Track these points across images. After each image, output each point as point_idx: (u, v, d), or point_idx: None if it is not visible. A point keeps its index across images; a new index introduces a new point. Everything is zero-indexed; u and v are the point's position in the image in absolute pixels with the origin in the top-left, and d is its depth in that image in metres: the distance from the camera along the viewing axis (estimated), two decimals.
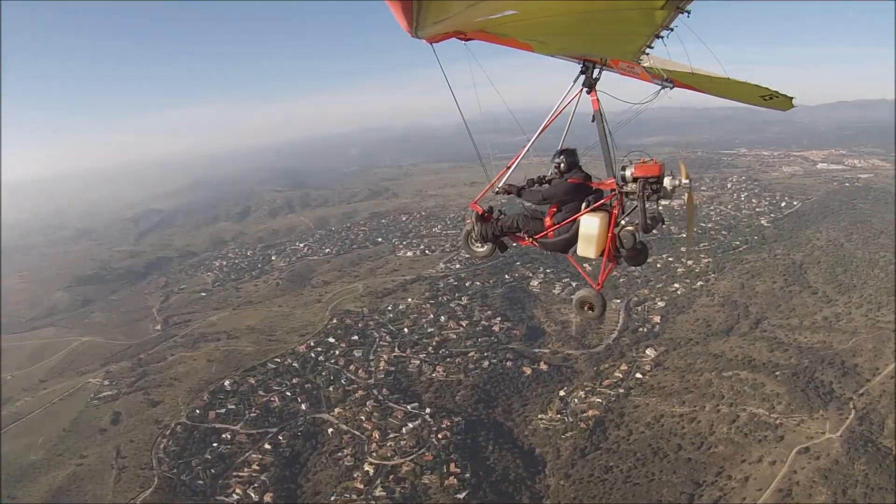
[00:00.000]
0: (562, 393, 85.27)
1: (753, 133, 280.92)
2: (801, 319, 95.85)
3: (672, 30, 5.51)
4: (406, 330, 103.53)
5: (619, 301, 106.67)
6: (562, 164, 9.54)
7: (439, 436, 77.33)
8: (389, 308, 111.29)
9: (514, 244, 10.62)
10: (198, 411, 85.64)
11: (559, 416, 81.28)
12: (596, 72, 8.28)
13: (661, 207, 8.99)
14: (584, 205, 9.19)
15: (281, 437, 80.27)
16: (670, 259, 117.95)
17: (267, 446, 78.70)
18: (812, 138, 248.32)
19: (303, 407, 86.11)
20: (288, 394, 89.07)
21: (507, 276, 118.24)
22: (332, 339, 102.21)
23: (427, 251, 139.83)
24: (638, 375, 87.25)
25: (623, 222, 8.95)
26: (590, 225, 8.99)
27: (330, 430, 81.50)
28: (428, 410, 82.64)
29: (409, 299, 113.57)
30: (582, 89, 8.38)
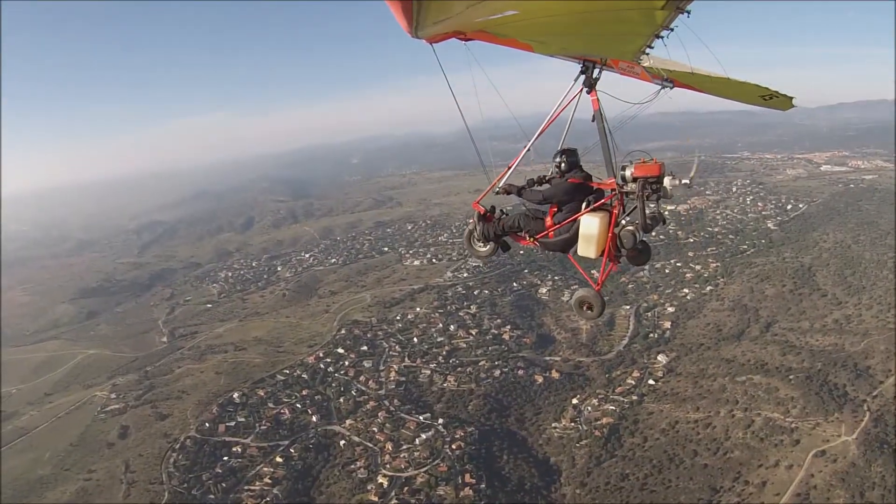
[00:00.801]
0: (574, 401, 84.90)
1: (754, 136, 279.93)
2: (812, 322, 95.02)
3: (672, 30, 5.55)
4: (415, 339, 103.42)
5: (628, 307, 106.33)
6: (562, 164, 9.54)
7: (453, 446, 76.99)
8: (398, 318, 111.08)
9: (522, 249, 10.64)
10: (207, 424, 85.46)
11: (573, 424, 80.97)
12: (596, 72, 8.31)
13: (666, 213, 8.97)
14: (584, 205, 9.20)
15: (292, 450, 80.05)
16: (679, 264, 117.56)
17: (278, 459, 78.45)
18: (814, 140, 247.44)
19: (314, 419, 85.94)
20: (298, 406, 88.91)
21: (515, 284, 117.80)
22: (340, 350, 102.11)
23: (434, 260, 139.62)
24: (651, 382, 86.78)
25: (623, 222, 8.96)
26: (590, 225, 8.99)
27: (342, 442, 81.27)
28: (441, 421, 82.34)
29: (418, 308, 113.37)
30: (582, 89, 8.43)
